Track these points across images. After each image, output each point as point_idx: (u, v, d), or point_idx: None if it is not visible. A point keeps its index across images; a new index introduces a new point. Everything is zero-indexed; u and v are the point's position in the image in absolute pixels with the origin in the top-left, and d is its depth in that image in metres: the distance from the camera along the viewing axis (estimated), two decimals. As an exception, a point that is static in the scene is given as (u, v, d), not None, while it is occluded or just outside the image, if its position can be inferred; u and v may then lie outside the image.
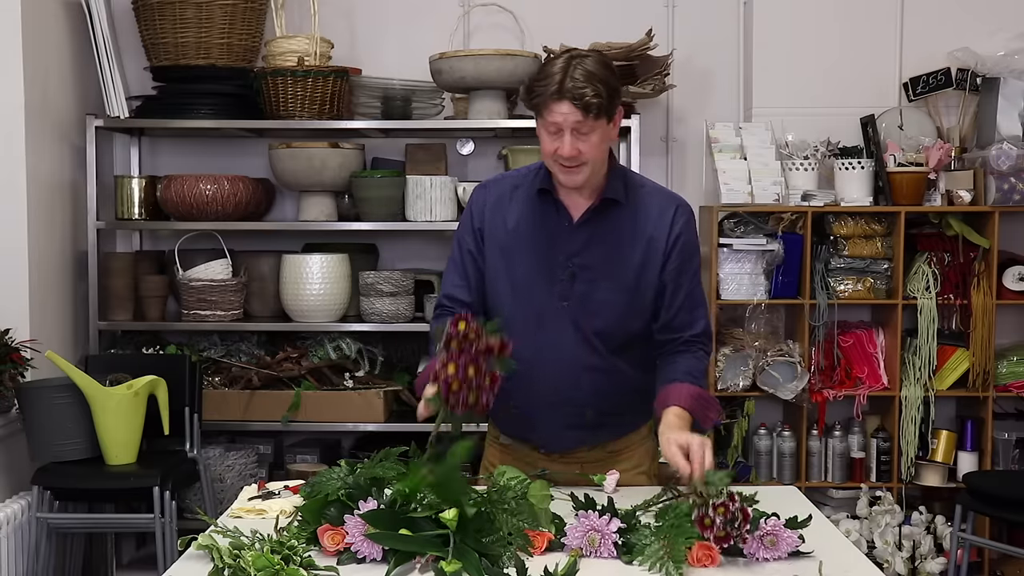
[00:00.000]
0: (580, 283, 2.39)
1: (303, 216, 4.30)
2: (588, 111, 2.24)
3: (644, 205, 2.42)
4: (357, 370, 4.30)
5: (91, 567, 4.17)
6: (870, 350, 4.23)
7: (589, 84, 2.23)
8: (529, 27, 4.48)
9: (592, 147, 2.29)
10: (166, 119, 4.23)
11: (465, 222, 2.49)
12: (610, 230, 2.40)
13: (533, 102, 2.31)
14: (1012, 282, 4.18)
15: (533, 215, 2.41)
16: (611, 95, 2.27)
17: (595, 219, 2.40)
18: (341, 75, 4.22)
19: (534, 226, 2.41)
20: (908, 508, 4.16)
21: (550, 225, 2.41)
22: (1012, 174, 4.06)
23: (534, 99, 2.30)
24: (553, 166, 2.35)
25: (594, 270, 2.39)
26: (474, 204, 2.49)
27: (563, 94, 2.24)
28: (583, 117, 2.24)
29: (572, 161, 2.30)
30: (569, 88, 2.23)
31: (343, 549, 2.00)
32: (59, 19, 4.13)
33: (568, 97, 2.23)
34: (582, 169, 2.31)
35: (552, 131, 2.29)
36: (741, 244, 4.15)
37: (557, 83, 2.24)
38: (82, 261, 4.26)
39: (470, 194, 2.55)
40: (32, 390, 3.65)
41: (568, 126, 2.26)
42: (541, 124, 2.32)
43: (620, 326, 2.42)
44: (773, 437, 4.24)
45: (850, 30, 4.36)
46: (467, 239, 2.48)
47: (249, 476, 4.21)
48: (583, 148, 2.28)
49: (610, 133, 2.33)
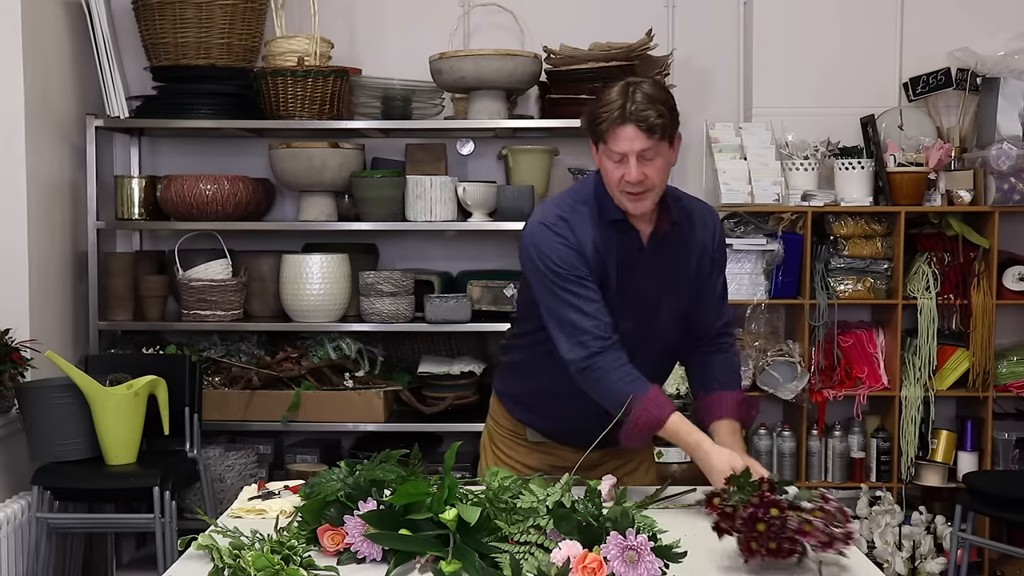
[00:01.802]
0: (651, 304, 2.43)
1: (303, 216, 4.30)
2: (652, 132, 2.24)
3: (688, 218, 2.47)
4: (357, 370, 4.30)
5: (91, 567, 4.17)
6: (870, 350, 4.23)
7: (651, 106, 2.24)
8: (529, 27, 4.48)
9: (657, 171, 2.30)
10: (166, 119, 4.23)
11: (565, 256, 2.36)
12: (671, 249, 2.44)
13: (599, 128, 2.29)
14: (1012, 282, 4.18)
15: (609, 242, 2.39)
16: (672, 116, 2.29)
17: (660, 242, 2.43)
18: (341, 75, 4.22)
19: (612, 253, 2.40)
20: (908, 508, 4.16)
21: (624, 252, 2.41)
22: (1012, 174, 4.06)
23: (599, 125, 2.28)
24: (619, 196, 2.34)
25: (662, 290, 2.44)
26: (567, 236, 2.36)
27: (627, 118, 2.24)
28: (647, 139, 2.25)
29: (639, 187, 2.29)
30: (632, 112, 2.24)
31: (343, 549, 2.01)
32: (59, 19, 4.13)
33: (632, 120, 2.24)
34: (648, 195, 2.32)
35: (616, 159, 2.29)
36: (741, 244, 4.15)
37: (619, 107, 2.25)
38: (82, 261, 4.26)
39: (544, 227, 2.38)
40: (32, 390, 3.65)
41: (634, 152, 2.26)
42: (604, 152, 2.31)
43: (677, 339, 2.52)
44: (773, 437, 4.24)
45: (850, 30, 4.36)
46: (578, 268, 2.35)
47: (249, 476, 4.21)
48: (649, 173, 2.29)
49: (672, 156, 2.34)
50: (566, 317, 2.34)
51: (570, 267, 2.34)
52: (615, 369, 2.32)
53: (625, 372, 2.32)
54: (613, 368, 2.32)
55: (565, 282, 2.34)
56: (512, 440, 2.64)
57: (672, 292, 2.45)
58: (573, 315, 2.34)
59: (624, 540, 1.83)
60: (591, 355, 2.32)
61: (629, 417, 2.30)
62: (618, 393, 2.30)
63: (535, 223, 2.40)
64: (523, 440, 2.62)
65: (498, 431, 2.67)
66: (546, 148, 4.30)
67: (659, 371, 2.51)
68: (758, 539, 1.93)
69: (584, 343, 2.32)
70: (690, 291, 2.48)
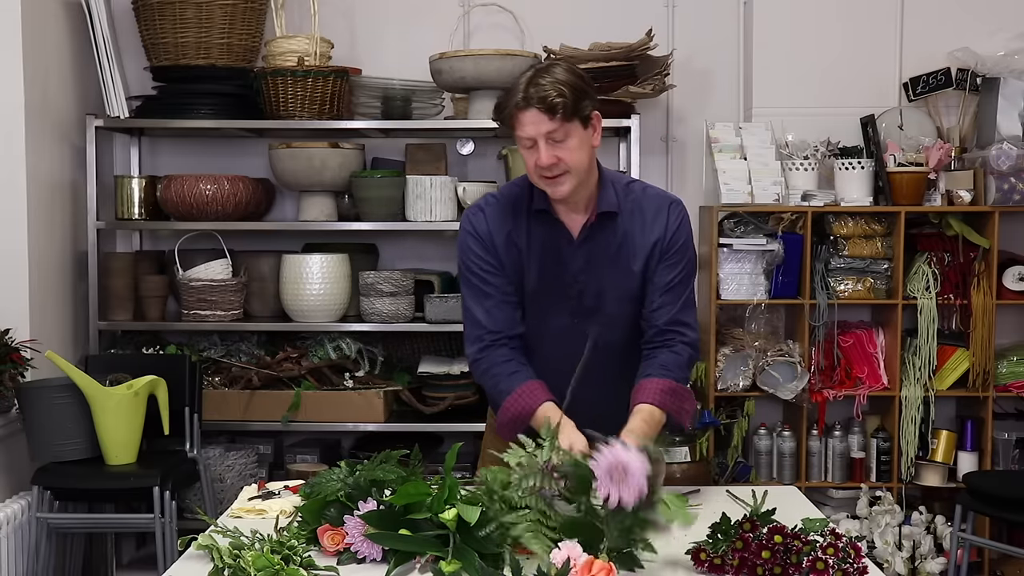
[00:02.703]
0: (588, 299, 2.39)
1: (303, 216, 4.30)
2: (554, 112, 2.21)
3: (640, 210, 2.41)
4: (357, 370, 4.30)
5: (91, 567, 4.17)
6: (870, 350, 4.23)
7: (553, 87, 2.22)
8: (529, 27, 4.48)
9: (570, 152, 2.26)
10: (166, 119, 4.23)
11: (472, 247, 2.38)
12: (610, 242, 2.38)
13: (502, 117, 2.29)
14: (1012, 282, 4.18)
15: (532, 235, 2.38)
16: (577, 96, 2.24)
17: (594, 234, 2.38)
18: (341, 75, 4.22)
19: (537, 246, 2.38)
20: (908, 508, 4.16)
21: (552, 245, 2.38)
22: (1012, 174, 4.06)
23: (503, 114, 2.28)
24: (539, 181, 2.31)
25: (600, 285, 2.39)
26: (478, 227, 2.39)
27: (529, 102, 2.22)
28: (551, 120, 2.22)
29: (553, 170, 2.26)
30: (533, 95, 2.22)
31: (343, 549, 2.01)
32: (59, 19, 4.13)
33: (534, 104, 2.22)
34: (566, 178, 2.28)
35: (528, 145, 2.27)
36: (741, 244, 4.15)
37: (522, 92, 2.24)
38: (82, 261, 4.26)
39: (465, 216, 2.43)
40: (32, 390, 3.65)
41: (540, 135, 2.24)
42: (518, 141, 2.30)
43: (630, 335, 2.44)
44: (773, 437, 4.24)
45: (850, 30, 4.36)
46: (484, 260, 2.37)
47: (249, 476, 4.21)
48: (561, 155, 2.25)
49: (589, 139, 2.30)
50: (467, 309, 2.40)
51: (476, 256, 2.37)
52: (498, 364, 2.33)
53: (506, 367, 2.32)
54: (498, 363, 2.33)
55: (469, 271, 2.38)
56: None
57: (613, 287, 2.39)
58: (472, 307, 2.38)
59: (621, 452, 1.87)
60: (481, 348, 2.35)
61: (500, 408, 2.31)
62: (496, 387, 2.32)
63: (465, 212, 2.47)
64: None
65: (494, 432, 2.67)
66: (546, 148, 4.30)
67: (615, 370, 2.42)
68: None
69: (479, 336, 2.35)
70: (638, 288, 2.40)
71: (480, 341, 2.36)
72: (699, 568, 1.96)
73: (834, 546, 1.87)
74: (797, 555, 1.86)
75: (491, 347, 2.34)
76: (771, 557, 1.87)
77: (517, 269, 2.37)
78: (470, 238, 2.39)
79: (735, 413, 4.22)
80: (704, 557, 1.95)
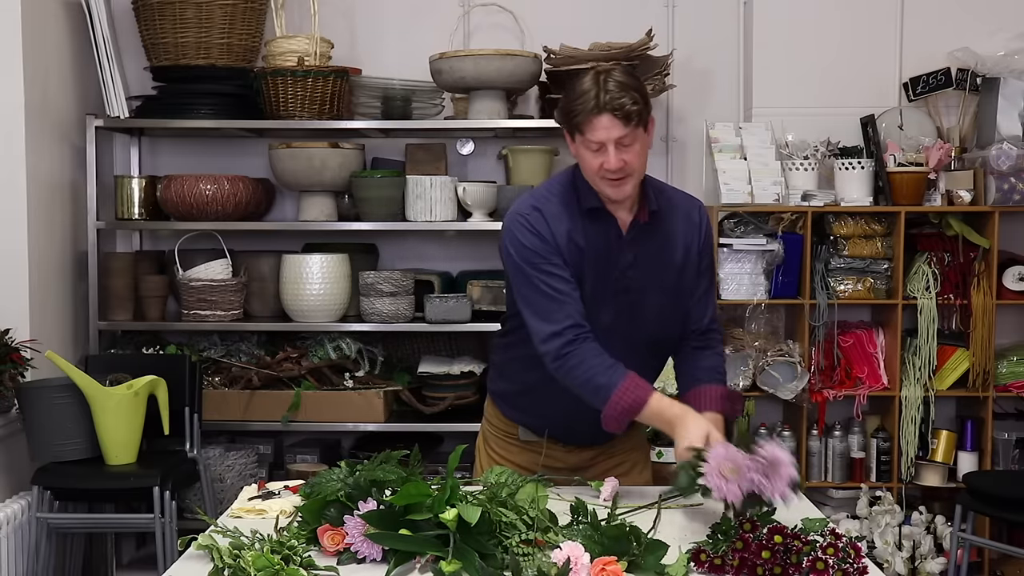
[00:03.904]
0: (633, 294, 2.42)
1: (303, 216, 4.30)
2: (629, 120, 2.25)
3: (673, 209, 2.46)
4: (357, 370, 4.30)
5: (91, 567, 4.17)
6: (870, 350, 4.23)
7: (625, 93, 2.25)
8: (529, 27, 4.48)
9: (635, 156, 2.30)
10: (166, 119, 4.23)
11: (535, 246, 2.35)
12: (653, 239, 2.43)
13: (574, 121, 2.29)
14: (1012, 282, 4.18)
15: (586, 232, 2.39)
16: (646, 102, 2.29)
17: (640, 230, 2.42)
18: (341, 75, 4.22)
19: (593, 243, 2.39)
20: (908, 508, 4.16)
21: (603, 241, 2.40)
22: (1012, 174, 4.06)
23: (575, 118, 2.28)
24: (599, 183, 2.34)
25: (644, 280, 2.42)
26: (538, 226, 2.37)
27: (602, 108, 2.24)
28: (624, 126, 2.25)
29: (619, 173, 2.30)
30: (607, 101, 2.24)
31: (343, 549, 2.01)
32: (59, 19, 4.13)
33: (608, 110, 2.24)
34: (628, 180, 2.32)
35: (594, 148, 2.29)
36: (741, 244, 4.15)
37: (594, 97, 2.25)
38: (82, 261, 4.26)
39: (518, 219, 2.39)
40: (32, 390, 3.65)
41: (611, 140, 2.26)
42: (581, 142, 2.31)
43: (665, 331, 2.49)
44: (773, 437, 4.24)
45: (850, 30, 4.36)
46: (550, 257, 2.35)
47: (249, 476, 4.21)
48: (628, 159, 2.29)
49: (648, 141, 2.34)
50: (540, 305, 2.35)
51: (543, 256, 2.35)
52: (591, 357, 2.31)
53: (602, 360, 2.31)
54: (589, 356, 2.31)
55: (538, 271, 2.35)
56: (505, 440, 2.64)
57: (655, 285, 2.43)
58: (547, 303, 2.34)
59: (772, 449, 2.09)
60: (566, 343, 2.32)
61: (608, 401, 2.30)
62: (595, 380, 2.30)
63: (511, 215, 2.42)
64: (516, 440, 2.62)
65: (492, 431, 2.68)
66: (546, 148, 4.30)
67: (645, 367, 2.47)
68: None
69: (559, 332, 2.32)
70: (675, 285, 2.46)
71: (561, 336, 2.33)
72: (699, 568, 1.95)
73: (834, 546, 1.87)
74: (797, 555, 1.86)
75: (577, 341, 2.32)
76: (771, 557, 1.87)
77: (578, 267, 2.39)
78: (532, 237, 2.36)
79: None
80: (704, 558, 1.94)
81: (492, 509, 1.96)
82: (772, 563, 1.86)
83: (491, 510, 1.95)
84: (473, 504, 1.93)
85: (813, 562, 1.85)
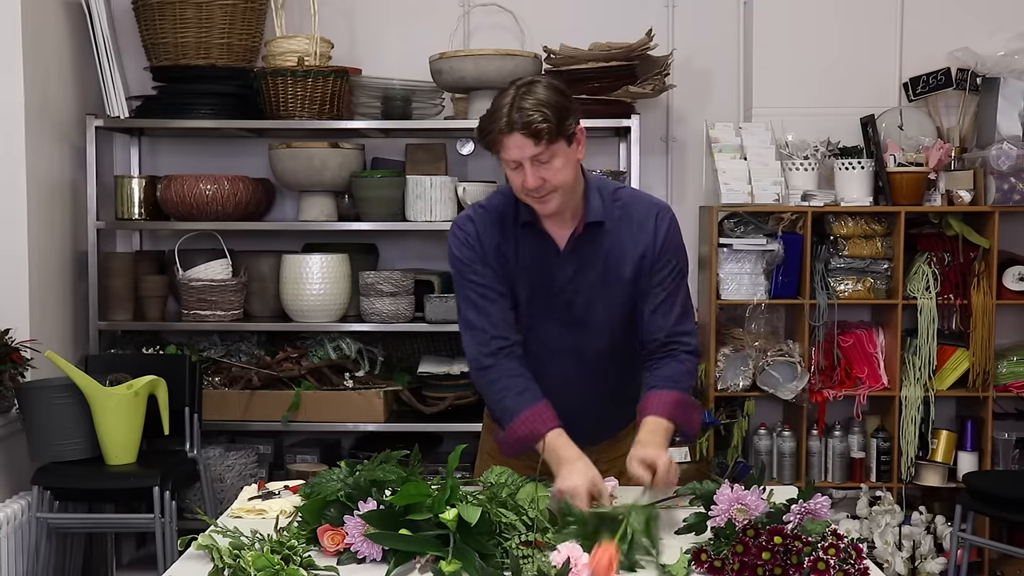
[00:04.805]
0: (577, 308, 2.39)
1: (303, 216, 4.30)
2: (539, 137, 2.19)
3: (627, 218, 2.39)
4: (357, 370, 4.30)
5: (91, 567, 4.17)
6: (870, 350, 4.23)
7: (537, 111, 2.19)
8: (529, 27, 4.48)
9: (556, 172, 2.24)
10: (166, 119, 4.23)
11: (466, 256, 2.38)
12: (598, 252, 2.38)
13: (486, 140, 2.26)
14: (1012, 282, 4.18)
15: (520, 248, 2.37)
16: (561, 117, 2.21)
17: (581, 244, 2.37)
18: (341, 75, 4.22)
19: (525, 258, 2.38)
20: (908, 508, 4.16)
21: (540, 256, 2.38)
22: (1012, 174, 4.06)
23: (487, 137, 2.25)
24: (526, 199, 2.31)
25: (589, 294, 2.39)
26: (470, 235, 2.39)
27: (512, 127, 2.19)
28: (536, 144, 2.20)
29: (539, 191, 2.26)
30: (517, 120, 2.19)
31: (343, 549, 2.01)
32: (59, 19, 4.13)
33: (518, 129, 2.19)
34: (552, 196, 2.27)
35: (513, 167, 2.26)
36: (741, 244, 4.15)
37: (505, 116, 2.20)
38: (82, 261, 4.26)
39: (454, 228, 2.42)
40: (32, 390, 3.65)
41: (525, 158, 2.22)
42: (503, 163, 2.28)
43: (616, 345, 2.44)
44: (773, 437, 4.24)
45: (850, 30, 4.36)
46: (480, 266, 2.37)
47: (249, 476, 4.21)
48: (547, 175, 2.24)
49: (574, 154, 2.28)
50: (467, 316, 2.38)
51: (470, 265, 2.36)
52: (507, 376, 2.32)
53: (516, 382, 2.31)
54: (506, 375, 2.32)
55: (467, 280, 2.36)
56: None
57: (600, 298, 2.39)
58: (473, 314, 2.36)
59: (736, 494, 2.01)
60: (488, 355, 2.33)
61: (507, 427, 2.31)
62: (504, 403, 2.31)
63: (452, 223, 2.44)
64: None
65: (491, 432, 2.67)
66: (546, 148, 4.29)
67: (602, 378, 2.44)
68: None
69: (483, 341, 2.33)
70: (625, 297, 2.40)
71: (485, 346, 2.34)
72: (699, 569, 1.95)
73: (835, 547, 1.86)
74: (798, 556, 1.86)
75: (499, 354, 2.33)
76: (771, 558, 1.87)
77: (508, 280, 2.38)
78: (463, 247, 2.38)
79: (735, 413, 4.22)
80: (705, 558, 1.94)
81: (492, 509, 1.96)
82: (772, 564, 1.86)
83: (491, 510, 1.96)
84: (473, 504, 1.93)
85: (814, 563, 1.85)
